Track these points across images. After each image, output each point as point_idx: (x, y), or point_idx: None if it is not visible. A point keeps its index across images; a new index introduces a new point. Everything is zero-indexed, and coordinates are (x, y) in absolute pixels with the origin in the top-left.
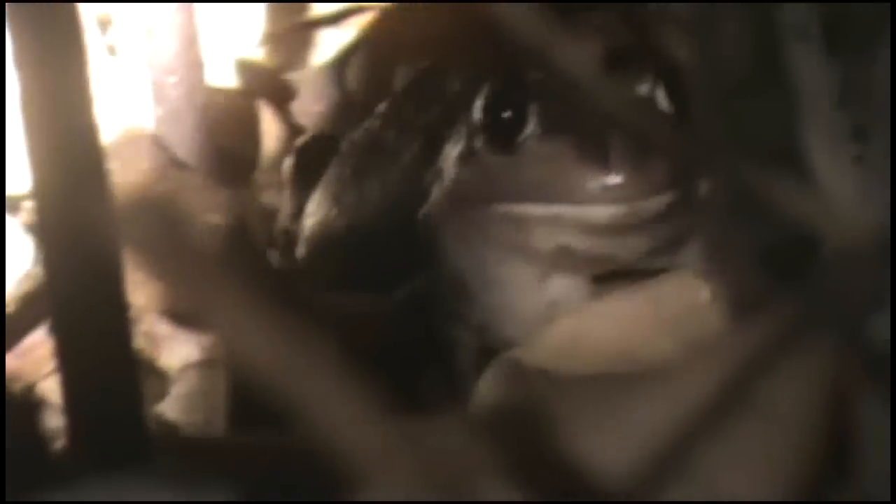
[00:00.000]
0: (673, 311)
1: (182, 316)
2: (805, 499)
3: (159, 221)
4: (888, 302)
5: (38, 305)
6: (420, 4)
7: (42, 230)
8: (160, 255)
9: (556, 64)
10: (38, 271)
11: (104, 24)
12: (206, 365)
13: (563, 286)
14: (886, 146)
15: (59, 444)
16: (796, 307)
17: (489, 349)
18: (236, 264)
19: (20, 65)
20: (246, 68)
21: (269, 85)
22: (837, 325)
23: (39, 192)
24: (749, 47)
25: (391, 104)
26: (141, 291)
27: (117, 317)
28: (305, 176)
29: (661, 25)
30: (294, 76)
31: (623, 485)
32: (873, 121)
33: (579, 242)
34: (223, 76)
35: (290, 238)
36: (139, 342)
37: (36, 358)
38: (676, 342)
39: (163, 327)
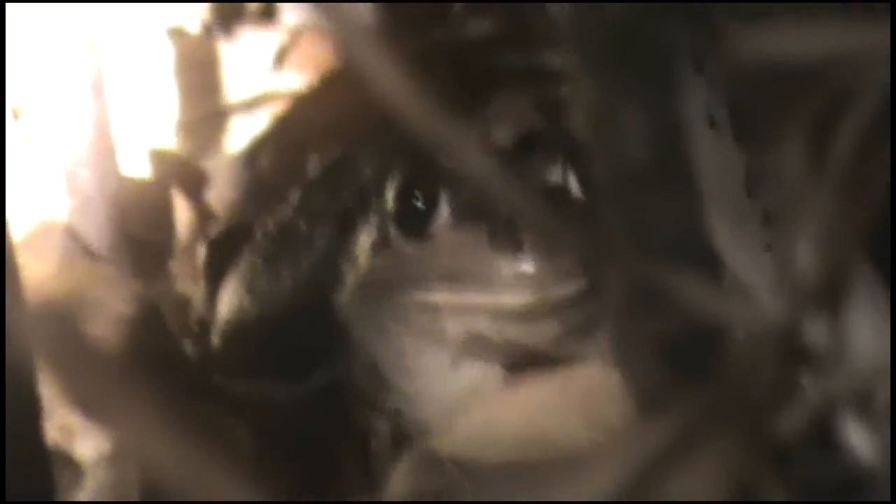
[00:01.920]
0: (583, 398)
1: (94, 408)
2: None
3: (66, 319)
4: (794, 394)
5: None
6: (332, 92)
7: None
8: (65, 353)
9: (455, 157)
10: None
11: (16, 114)
12: (117, 459)
13: (475, 373)
14: (795, 233)
15: None
16: (701, 401)
17: (403, 437)
18: (148, 356)
19: None
20: (159, 157)
21: (183, 173)
22: (743, 418)
23: None
24: (654, 135)
25: (303, 192)
26: (54, 383)
27: (29, 410)
28: (219, 264)
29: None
30: (207, 164)
31: None
32: (782, 208)
33: (491, 329)
34: (136, 165)
35: (204, 327)
36: (54, 434)
37: None
38: (587, 430)
39: (76, 419)
